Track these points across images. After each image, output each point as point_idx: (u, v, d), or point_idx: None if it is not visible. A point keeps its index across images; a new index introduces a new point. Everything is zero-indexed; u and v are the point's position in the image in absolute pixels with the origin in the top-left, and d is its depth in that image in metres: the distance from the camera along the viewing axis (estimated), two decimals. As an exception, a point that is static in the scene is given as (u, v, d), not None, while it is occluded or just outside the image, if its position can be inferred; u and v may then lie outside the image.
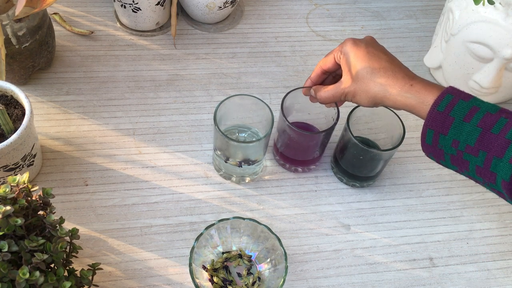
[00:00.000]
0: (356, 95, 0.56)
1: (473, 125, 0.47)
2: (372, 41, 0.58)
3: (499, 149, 0.46)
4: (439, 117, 0.49)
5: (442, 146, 0.49)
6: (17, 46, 0.66)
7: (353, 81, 0.55)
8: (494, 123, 0.46)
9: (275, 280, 0.58)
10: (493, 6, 0.68)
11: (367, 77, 0.54)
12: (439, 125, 0.49)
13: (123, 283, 0.60)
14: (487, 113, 0.47)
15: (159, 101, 0.76)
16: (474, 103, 0.48)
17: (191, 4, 0.82)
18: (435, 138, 0.49)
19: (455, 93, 0.49)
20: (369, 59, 0.55)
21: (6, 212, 0.46)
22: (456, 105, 0.48)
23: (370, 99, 0.55)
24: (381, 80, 0.54)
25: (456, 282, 0.64)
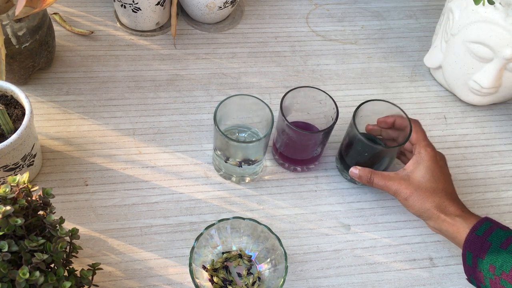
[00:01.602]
0: (409, 199, 0.59)
1: (509, 252, 0.51)
2: (444, 160, 0.64)
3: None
4: (478, 241, 0.53)
5: (481, 269, 0.53)
6: (17, 46, 0.66)
7: (414, 186, 0.59)
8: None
9: (275, 280, 0.58)
10: (493, 6, 0.68)
11: (430, 191, 0.59)
12: (477, 248, 0.53)
13: (123, 283, 0.60)
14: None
15: (159, 101, 0.76)
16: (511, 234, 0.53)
17: (191, 4, 0.82)
18: (474, 261, 0.53)
19: (493, 222, 0.54)
20: (438, 177, 0.60)
21: (6, 212, 0.46)
22: (494, 232, 0.53)
23: (420, 210, 0.59)
24: (440, 200, 0.58)
25: (456, 282, 0.64)
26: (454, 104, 0.82)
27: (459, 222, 0.56)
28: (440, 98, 0.82)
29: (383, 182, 0.61)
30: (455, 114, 0.80)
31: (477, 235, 0.53)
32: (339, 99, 0.77)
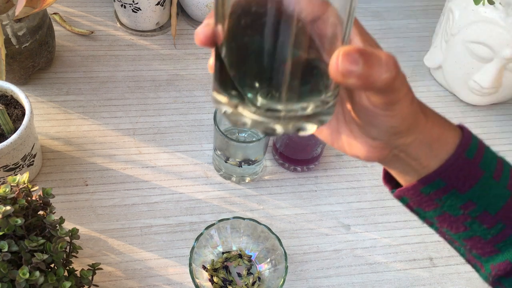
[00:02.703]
0: (414, 98, 0.32)
1: (502, 186, 0.35)
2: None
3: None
4: (465, 166, 0.34)
5: (443, 203, 0.35)
6: (17, 46, 0.66)
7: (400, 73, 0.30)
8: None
9: (275, 280, 0.58)
10: (493, 6, 0.68)
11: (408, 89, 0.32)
12: (459, 178, 0.34)
13: (123, 283, 0.60)
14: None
15: (159, 101, 0.76)
16: (497, 155, 0.37)
17: (191, 4, 0.82)
18: (439, 192, 0.35)
19: (474, 135, 0.37)
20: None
21: (6, 212, 0.46)
22: (485, 153, 0.36)
23: (410, 116, 0.32)
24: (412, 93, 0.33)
25: (456, 282, 0.64)
26: (454, 104, 0.82)
27: (447, 130, 0.35)
28: (440, 98, 0.82)
29: (402, 73, 0.30)
30: (455, 114, 0.80)
31: (467, 158, 0.34)
32: (339, 99, 0.77)
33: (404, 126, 0.32)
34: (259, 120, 0.28)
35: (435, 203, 0.36)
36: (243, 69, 0.28)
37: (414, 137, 0.33)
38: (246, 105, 0.28)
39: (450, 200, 0.35)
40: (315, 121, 0.29)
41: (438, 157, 0.34)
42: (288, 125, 0.28)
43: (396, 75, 0.27)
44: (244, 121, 0.28)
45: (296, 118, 0.28)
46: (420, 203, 0.37)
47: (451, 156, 0.34)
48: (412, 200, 0.37)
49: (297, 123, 0.28)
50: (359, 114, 0.32)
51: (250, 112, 0.28)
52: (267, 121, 0.28)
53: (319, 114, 0.29)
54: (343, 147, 0.36)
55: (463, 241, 0.38)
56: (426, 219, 0.39)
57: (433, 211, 0.37)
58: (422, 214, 0.38)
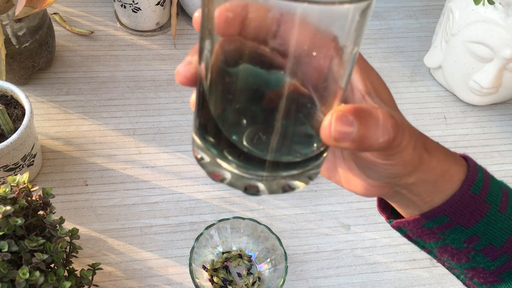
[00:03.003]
0: (417, 143, 0.30)
1: (508, 219, 0.34)
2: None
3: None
4: (471, 202, 0.33)
5: (446, 237, 0.34)
6: (17, 46, 0.66)
7: (401, 120, 0.30)
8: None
9: (275, 280, 0.58)
10: (493, 6, 0.68)
11: (404, 119, 0.31)
12: (465, 214, 0.33)
13: (123, 283, 0.60)
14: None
15: (159, 101, 0.76)
16: (502, 184, 0.35)
17: (191, 4, 0.82)
18: (443, 227, 0.34)
19: (479, 167, 0.34)
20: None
21: (6, 212, 0.46)
22: (491, 186, 0.34)
23: (414, 159, 0.31)
24: (417, 133, 0.32)
25: (456, 282, 0.64)
26: (454, 104, 0.82)
27: (452, 165, 0.33)
28: (440, 98, 0.82)
29: (402, 129, 0.28)
30: (455, 114, 0.80)
31: (473, 193, 0.33)
32: (339, 99, 0.77)
33: (406, 171, 0.31)
34: (240, 175, 0.24)
35: (437, 236, 0.34)
36: (224, 114, 0.24)
37: (417, 176, 0.32)
38: (225, 157, 0.24)
39: (454, 234, 0.34)
40: (305, 178, 0.26)
41: (442, 193, 0.33)
42: (273, 184, 0.25)
43: (394, 137, 0.25)
44: (222, 174, 0.25)
45: (284, 176, 0.25)
46: (420, 235, 0.35)
47: (456, 193, 0.32)
48: (411, 231, 0.36)
49: (285, 181, 0.25)
50: (357, 160, 0.31)
51: (230, 166, 0.24)
52: (249, 177, 0.24)
53: (309, 170, 0.26)
54: (340, 182, 0.35)
55: (465, 270, 0.37)
56: (425, 248, 0.38)
57: (435, 243, 0.35)
58: (421, 244, 0.37)
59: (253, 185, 0.24)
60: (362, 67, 0.28)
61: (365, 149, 0.25)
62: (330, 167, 0.35)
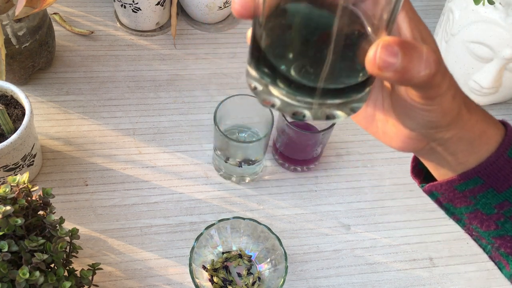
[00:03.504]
0: (457, 93, 0.31)
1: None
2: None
3: None
4: (506, 166, 0.33)
5: (477, 201, 0.35)
6: (17, 46, 0.66)
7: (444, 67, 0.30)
8: None
9: (275, 280, 0.58)
10: (493, 6, 0.68)
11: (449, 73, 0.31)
12: (498, 177, 0.33)
13: (123, 283, 0.60)
14: None
15: (159, 101, 0.76)
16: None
17: (191, 4, 0.82)
18: (475, 190, 0.34)
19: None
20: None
21: (6, 212, 0.46)
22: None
23: (459, 110, 0.31)
24: (458, 87, 0.32)
25: (456, 282, 0.64)
26: (454, 104, 0.82)
27: (490, 126, 0.33)
28: (440, 98, 0.82)
29: (445, 68, 0.29)
30: (455, 114, 0.80)
31: (509, 157, 0.33)
32: (339, 99, 0.77)
33: (444, 122, 0.31)
34: (289, 103, 0.27)
35: (469, 200, 0.35)
36: (279, 45, 0.26)
37: (454, 132, 0.32)
38: (277, 85, 0.27)
39: (486, 198, 0.34)
40: (347, 109, 0.28)
41: (477, 154, 0.33)
42: (318, 112, 0.27)
43: (435, 72, 0.26)
44: (273, 101, 0.27)
45: (328, 105, 0.27)
46: (452, 199, 0.36)
47: (492, 155, 0.33)
48: (443, 195, 0.36)
49: (329, 110, 0.27)
50: (396, 105, 0.31)
51: (280, 94, 0.27)
52: (297, 104, 0.27)
53: (352, 101, 0.28)
54: (377, 134, 0.35)
55: (492, 239, 0.37)
56: (454, 215, 0.38)
57: (465, 208, 0.36)
58: (451, 210, 0.37)
59: (300, 112, 0.27)
60: (411, 16, 0.29)
61: (406, 81, 0.26)
62: (368, 117, 0.35)
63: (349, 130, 0.76)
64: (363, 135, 0.76)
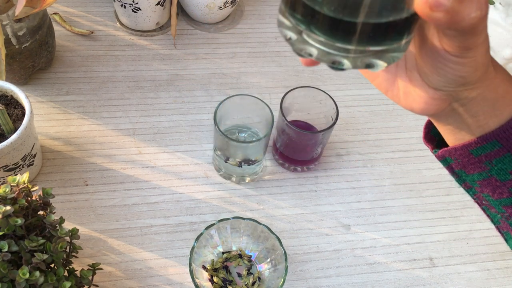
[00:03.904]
0: (488, 48, 0.30)
1: None
2: None
3: None
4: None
5: (492, 167, 0.35)
6: (17, 46, 0.66)
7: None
8: None
9: (275, 280, 0.58)
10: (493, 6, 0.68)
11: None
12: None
13: (123, 283, 0.60)
14: None
15: (159, 101, 0.76)
16: None
17: (191, 4, 0.82)
18: (492, 154, 0.34)
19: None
20: None
21: (6, 212, 0.46)
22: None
23: (487, 67, 0.31)
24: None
25: (456, 282, 0.64)
26: (454, 104, 0.82)
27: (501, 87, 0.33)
28: (440, 98, 0.82)
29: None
30: (455, 114, 0.80)
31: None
32: (339, 99, 0.77)
33: (474, 77, 0.30)
34: (327, 51, 0.25)
35: (484, 165, 0.34)
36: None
37: (480, 91, 0.32)
38: (313, 31, 0.25)
39: (502, 163, 0.34)
40: (386, 58, 0.27)
41: (498, 117, 0.33)
42: (358, 60, 0.26)
43: (485, 15, 0.25)
44: (309, 50, 0.26)
45: (367, 52, 0.26)
46: (465, 165, 0.35)
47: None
48: (457, 161, 0.35)
49: (367, 59, 0.26)
50: (427, 60, 0.30)
51: (317, 41, 0.25)
52: (335, 52, 0.25)
53: (392, 50, 0.26)
54: (398, 97, 0.34)
55: (503, 207, 0.37)
56: (465, 183, 0.37)
57: (478, 174, 0.35)
58: (463, 177, 0.37)
59: (339, 61, 0.26)
60: None
61: (456, 23, 0.25)
62: (390, 78, 0.34)
63: (349, 130, 0.76)
64: (363, 135, 0.76)
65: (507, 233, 0.39)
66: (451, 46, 0.28)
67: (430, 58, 0.30)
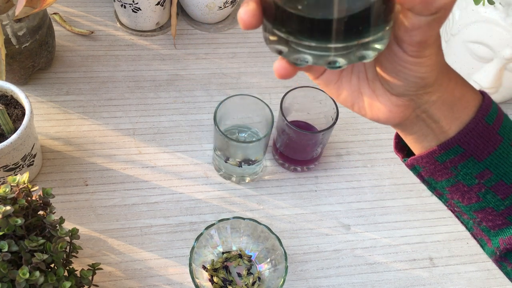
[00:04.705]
0: (441, 50, 0.32)
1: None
2: None
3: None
4: (485, 133, 0.33)
5: (458, 172, 0.35)
6: (17, 46, 0.66)
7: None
8: None
9: (275, 280, 0.58)
10: (493, 6, 0.68)
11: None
12: (478, 145, 0.34)
13: (123, 283, 0.60)
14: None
15: (159, 101, 0.76)
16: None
17: (191, 4, 0.82)
18: (456, 159, 0.34)
19: (494, 101, 0.35)
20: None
21: (6, 212, 0.46)
22: (504, 119, 0.34)
23: (441, 71, 0.33)
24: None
25: (456, 282, 0.64)
26: (454, 104, 0.82)
27: (469, 92, 0.34)
28: (440, 98, 0.82)
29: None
30: (455, 114, 0.80)
31: (487, 123, 0.33)
32: (339, 99, 0.77)
33: (432, 78, 0.32)
34: (320, 54, 0.27)
35: (450, 171, 0.35)
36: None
37: (439, 94, 0.33)
38: (302, 40, 0.27)
39: (467, 168, 0.34)
40: (375, 47, 0.28)
41: (458, 120, 0.34)
42: (350, 55, 0.27)
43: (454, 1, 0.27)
44: (304, 57, 0.27)
45: (357, 46, 0.27)
46: (433, 172, 0.36)
47: (471, 121, 0.33)
48: (425, 169, 0.36)
49: (359, 52, 0.28)
50: (387, 66, 0.32)
51: (308, 47, 0.27)
52: (328, 53, 0.27)
53: (379, 39, 0.28)
54: (364, 109, 0.35)
55: (474, 213, 0.37)
56: (436, 190, 0.38)
57: (446, 181, 0.36)
58: (433, 185, 0.38)
59: (334, 60, 0.27)
60: None
61: (430, 3, 0.27)
62: (354, 91, 0.35)
63: (349, 130, 0.76)
64: (363, 135, 0.76)
65: (481, 239, 0.39)
66: (411, 43, 0.29)
67: (390, 63, 0.31)
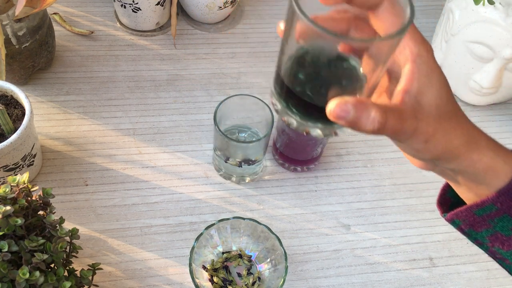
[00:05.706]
0: (432, 140, 0.34)
1: None
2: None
3: None
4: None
5: (495, 224, 0.37)
6: (17, 46, 0.66)
7: (435, 118, 0.34)
8: None
9: (275, 280, 0.58)
10: (493, 6, 0.68)
11: (455, 118, 0.35)
12: (511, 206, 0.36)
13: (123, 283, 0.60)
14: None
15: (159, 101, 0.76)
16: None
17: (191, 4, 0.82)
18: (492, 215, 0.36)
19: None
20: (450, 91, 0.36)
21: (6, 212, 0.46)
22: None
23: (445, 151, 0.34)
24: (468, 129, 0.35)
25: (456, 282, 0.64)
26: (454, 104, 0.82)
27: (499, 163, 0.35)
28: (440, 98, 0.82)
29: (400, 125, 0.32)
30: (455, 114, 0.80)
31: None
32: (339, 99, 0.77)
33: (429, 154, 0.35)
34: (302, 123, 0.34)
35: (488, 223, 0.37)
36: (291, 79, 0.33)
37: (454, 166, 0.36)
38: (291, 110, 0.34)
39: (502, 222, 0.37)
40: (344, 130, 0.34)
41: (489, 186, 0.36)
42: (326, 130, 0.34)
43: (378, 130, 0.31)
44: (290, 121, 0.34)
45: (333, 126, 0.33)
46: (472, 224, 0.38)
47: (505, 187, 0.35)
48: (464, 222, 0.39)
49: (333, 129, 0.34)
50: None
51: (294, 117, 0.34)
52: (309, 125, 0.34)
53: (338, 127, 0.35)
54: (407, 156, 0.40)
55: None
56: (477, 240, 0.40)
57: (486, 231, 0.38)
58: (473, 235, 0.40)
59: (310, 132, 0.34)
60: (421, 68, 0.34)
61: (358, 131, 0.32)
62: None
63: (349, 130, 0.76)
64: (363, 135, 0.76)
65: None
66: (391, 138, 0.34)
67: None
